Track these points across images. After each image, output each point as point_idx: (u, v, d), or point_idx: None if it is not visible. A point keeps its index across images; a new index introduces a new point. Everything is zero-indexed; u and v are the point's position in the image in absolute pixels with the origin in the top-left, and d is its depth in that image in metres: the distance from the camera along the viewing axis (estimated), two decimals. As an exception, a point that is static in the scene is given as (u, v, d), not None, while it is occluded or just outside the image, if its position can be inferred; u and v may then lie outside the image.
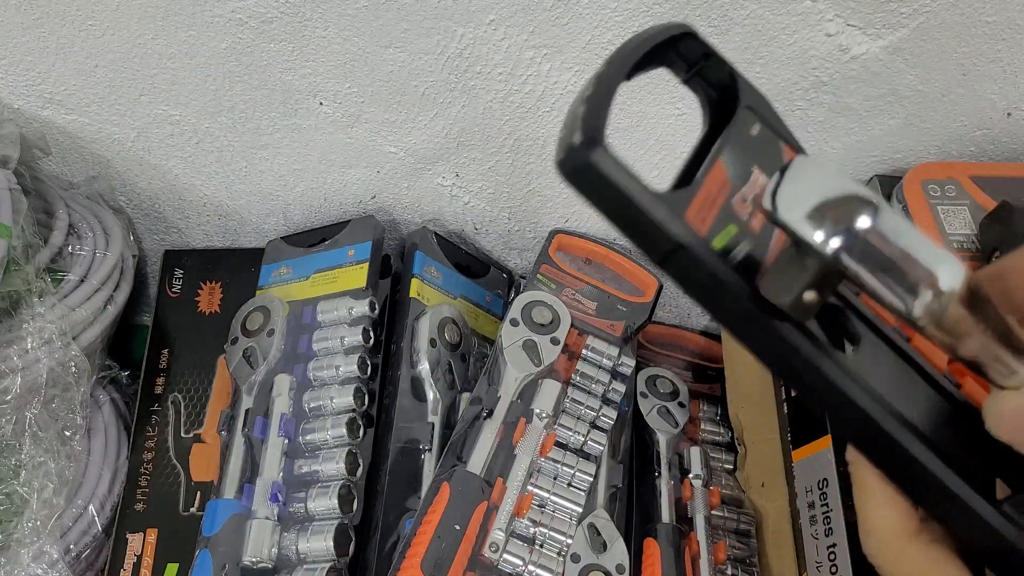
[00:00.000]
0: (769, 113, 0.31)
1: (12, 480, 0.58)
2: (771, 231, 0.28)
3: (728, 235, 0.26)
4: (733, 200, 0.27)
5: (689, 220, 0.25)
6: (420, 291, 0.68)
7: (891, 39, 0.56)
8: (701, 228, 0.25)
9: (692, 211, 0.25)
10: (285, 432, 0.61)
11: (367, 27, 0.57)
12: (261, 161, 0.68)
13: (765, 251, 0.27)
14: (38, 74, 0.61)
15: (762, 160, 0.29)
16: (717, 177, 0.27)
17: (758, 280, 0.25)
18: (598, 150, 0.24)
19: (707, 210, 0.26)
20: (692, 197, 0.26)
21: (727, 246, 0.26)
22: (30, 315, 0.58)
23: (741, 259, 0.26)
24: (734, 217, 0.27)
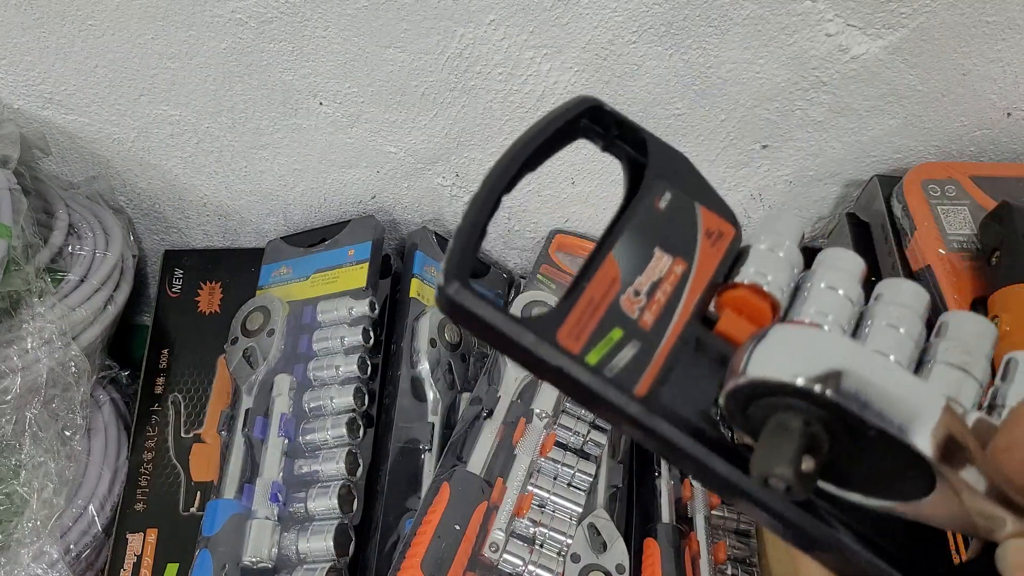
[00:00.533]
0: (685, 175, 0.30)
1: (12, 480, 0.58)
2: (663, 329, 0.27)
3: (609, 343, 0.26)
4: (623, 297, 0.27)
5: (560, 340, 0.26)
6: (420, 291, 0.68)
7: (891, 39, 0.56)
8: (574, 345, 0.26)
9: (567, 327, 0.26)
10: (285, 432, 0.61)
11: (367, 27, 0.57)
12: (261, 161, 0.68)
13: (655, 350, 0.27)
14: (38, 74, 0.61)
15: (667, 237, 0.28)
16: (606, 276, 0.27)
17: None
18: (455, 287, 0.25)
19: (587, 320, 0.26)
20: (569, 310, 0.26)
21: (606, 355, 0.26)
22: (30, 315, 0.58)
23: (623, 367, 0.26)
24: (620, 319, 0.27)
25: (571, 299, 0.27)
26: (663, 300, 0.27)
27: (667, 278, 0.28)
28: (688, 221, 0.29)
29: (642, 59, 0.58)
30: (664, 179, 0.29)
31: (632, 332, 0.27)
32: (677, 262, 0.28)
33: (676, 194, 0.29)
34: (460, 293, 0.25)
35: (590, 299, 0.27)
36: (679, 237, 0.28)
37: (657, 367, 0.26)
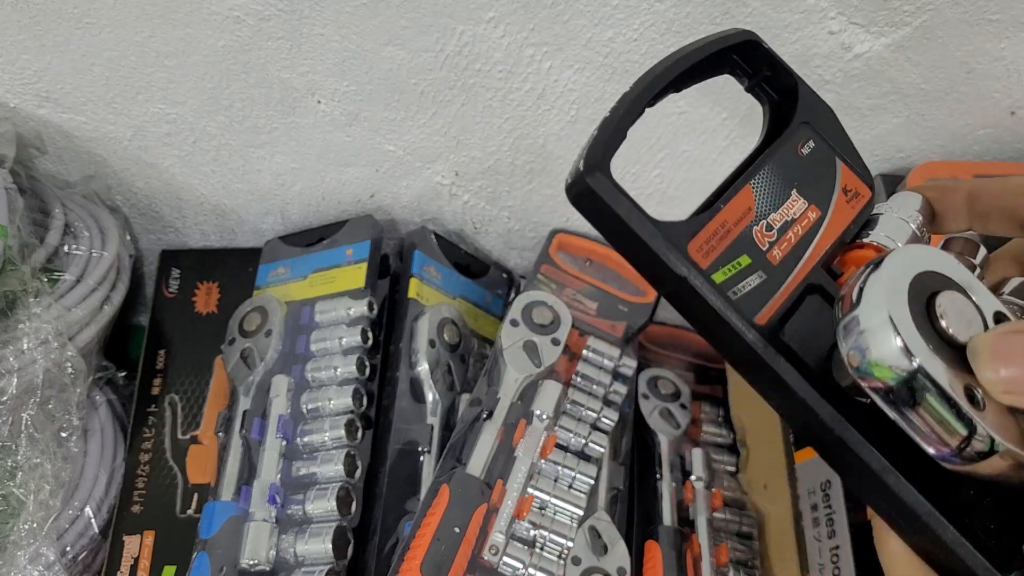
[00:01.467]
0: (831, 129, 0.30)
1: (8, 482, 0.57)
2: (797, 259, 0.27)
3: (736, 267, 0.26)
4: (755, 228, 0.27)
5: (691, 252, 0.25)
6: (419, 291, 0.68)
7: (894, 37, 0.56)
8: (703, 260, 0.25)
9: (698, 242, 0.26)
10: (283, 433, 0.60)
11: (365, 25, 0.56)
12: (259, 160, 0.68)
13: (779, 286, 0.27)
14: (34, 72, 0.61)
15: (806, 182, 0.28)
16: (741, 203, 0.27)
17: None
18: (598, 176, 0.24)
19: (718, 240, 0.26)
20: (702, 226, 0.26)
21: (732, 279, 0.26)
22: (26, 315, 0.58)
23: (746, 294, 0.26)
24: (750, 247, 0.27)
25: (705, 217, 0.26)
26: (793, 240, 0.27)
27: (800, 221, 0.28)
28: (828, 173, 0.29)
29: (643, 57, 0.57)
30: (810, 128, 0.29)
31: (760, 262, 0.26)
32: (812, 208, 0.28)
33: (820, 145, 0.29)
34: (601, 183, 0.24)
35: (723, 221, 0.26)
36: (817, 186, 0.29)
37: (779, 301, 0.26)
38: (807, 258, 0.27)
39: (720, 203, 0.27)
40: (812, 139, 0.29)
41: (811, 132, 0.29)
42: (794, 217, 0.28)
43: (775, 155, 0.28)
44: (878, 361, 0.23)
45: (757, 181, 0.28)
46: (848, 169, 0.30)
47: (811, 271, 0.27)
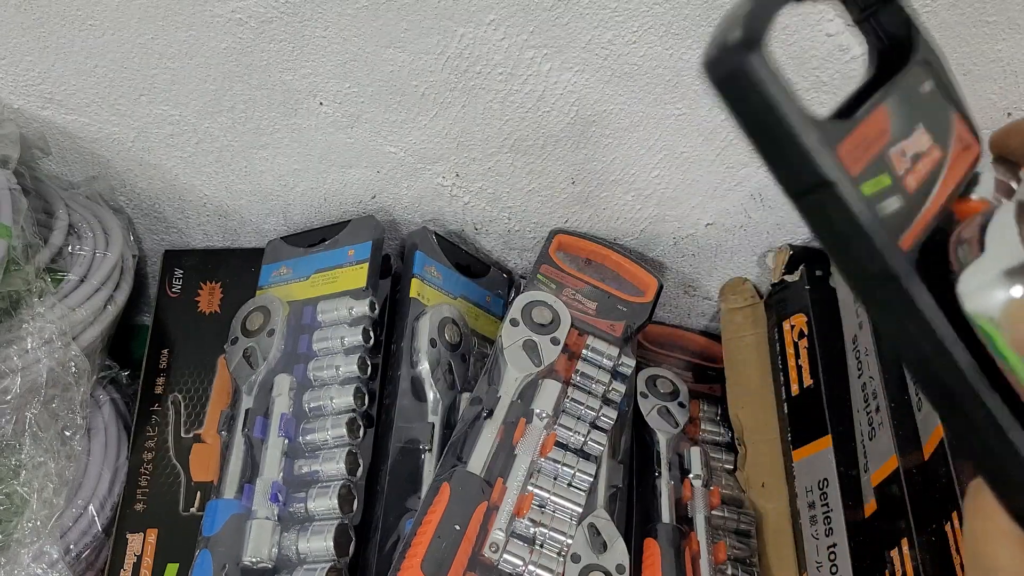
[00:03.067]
0: (944, 77, 0.28)
1: (12, 480, 0.58)
2: (927, 193, 0.25)
3: (880, 184, 0.24)
4: (891, 150, 0.25)
5: (841, 156, 0.23)
6: (420, 291, 0.68)
7: (891, 39, 0.56)
8: (853, 168, 0.23)
9: (846, 147, 0.23)
10: (285, 432, 0.61)
11: (367, 27, 0.57)
12: (261, 161, 0.68)
13: (916, 214, 0.25)
14: (38, 74, 0.61)
15: (929, 120, 0.27)
16: (878, 120, 0.25)
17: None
18: (756, 56, 0.21)
19: (862, 151, 0.24)
20: (848, 132, 0.23)
21: (877, 194, 0.23)
22: (30, 315, 0.58)
23: (889, 213, 0.24)
24: (889, 167, 0.24)
25: (847, 125, 0.24)
26: (924, 172, 0.26)
27: (928, 156, 0.26)
28: (945, 117, 0.27)
29: (642, 59, 0.58)
30: (929, 68, 0.27)
31: (898, 186, 0.24)
32: (935, 147, 0.26)
33: (937, 89, 0.28)
34: (758, 64, 0.21)
35: (864, 134, 0.24)
36: (939, 127, 0.27)
37: (918, 229, 0.24)
38: (936, 194, 0.26)
39: (861, 113, 0.24)
40: (930, 81, 0.27)
41: (930, 73, 0.27)
42: (923, 151, 0.26)
43: (898, 87, 0.26)
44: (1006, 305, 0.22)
45: (891, 103, 0.25)
46: (961, 120, 0.28)
47: (939, 210, 0.25)
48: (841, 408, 0.61)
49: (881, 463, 0.57)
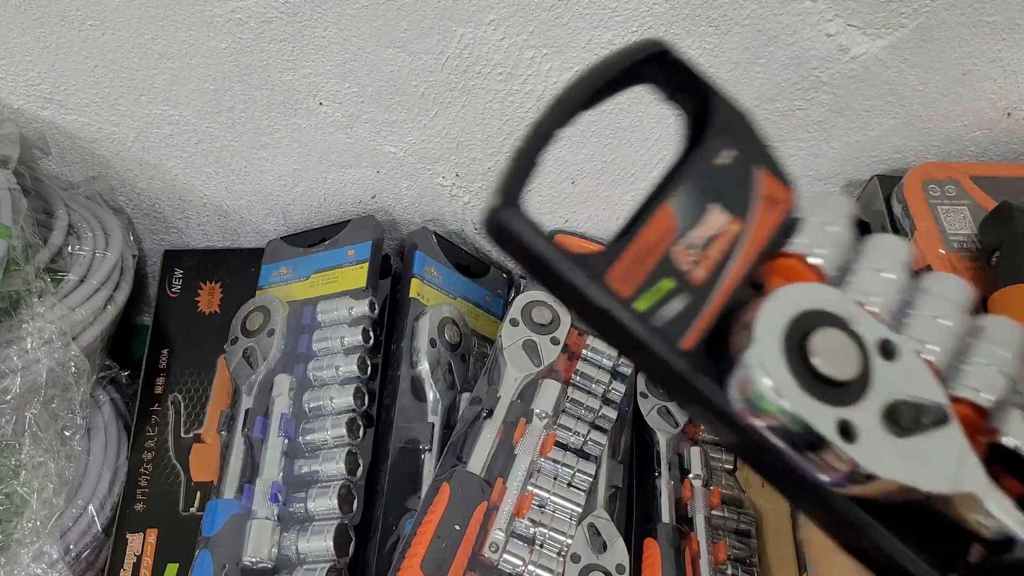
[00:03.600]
0: (749, 135, 0.29)
1: (12, 480, 0.58)
2: (714, 286, 0.26)
3: (659, 292, 0.25)
4: (676, 247, 0.26)
5: (610, 281, 0.24)
6: (420, 291, 0.68)
7: (891, 39, 0.56)
8: (624, 288, 0.25)
9: (616, 272, 0.25)
10: (285, 432, 0.61)
11: (367, 27, 0.57)
12: (261, 161, 0.68)
13: (703, 306, 0.26)
14: (38, 74, 0.61)
15: (726, 195, 0.27)
16: (661, 222, 0.26)
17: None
18: (511, 212, 0.24)
19: (638, 266, 0.25)
20: (620, 253, 0.25)
21: (655, 304, 0.25)
22: (30, 315, 0.58)
23: (671, 318, 0.25)
24: (672, 270, 0.26)
25: (623, 242, 0.25)
26: (716, 257, 0.27)
27: (722, 236, 0.27)
28: (746, 182, 0.28)
29: (642, 59, 0.58)
30: (726, 136, 0.28)
31: (683, 285, 0.26)
32: (733, 222, 0.27)
33: (737, 154, 0.28)
34: (513, 218, 0.24)
35: (643, 245, 0.26)
36: (736, 197, 0.28)
37: (705, 323, 0.26)
38: (731, 275, 0.27)
39: (637, 226, 0.26)
40: (729, 148, 0.28)
41: (728, 141, 0.28)
42: (716, 233, 0.27)
43: (691, 169, 0.27)
44: (756, 400, 0.24)
45: (676, 199, 0.27)
46: (769, 175, 0.28)
47: (735, 289, 0.27)
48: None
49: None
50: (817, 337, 0.25)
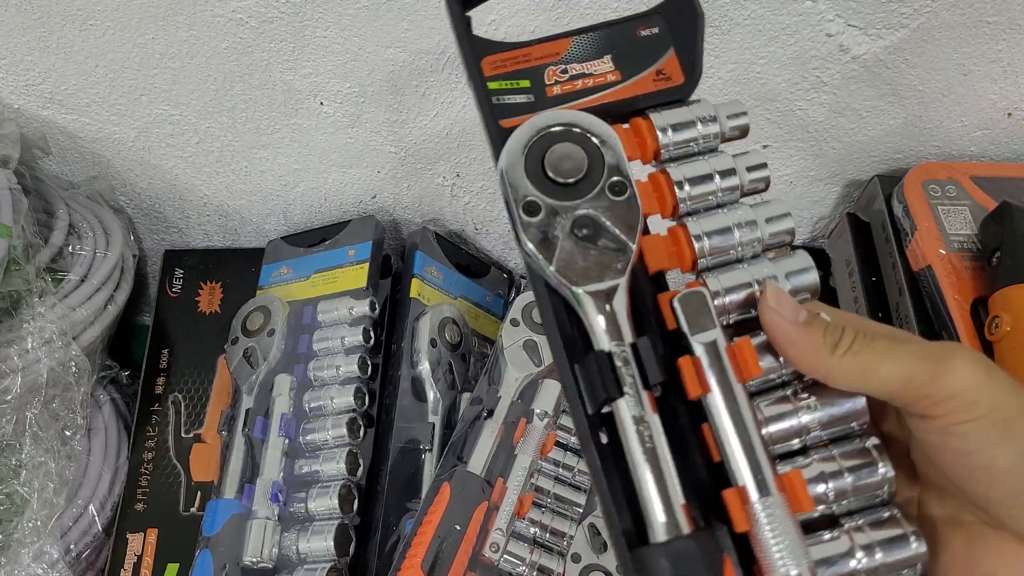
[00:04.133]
0: (687, 28, 0.34)
1: (12, 480, 0.58)
2: (559, 102, 0.33)
3: (513, 84, 0.33)
4: (551, 67, 0.33)
5: (483, 64, 0.33)
6: (420, 291, 0.68)
7: (892, 39, 0.56)
8: (488, 70, 0.34)
9: (495, 58, 0.34)
10: (285, 432, 0.61)
11: (368, 27, 0.57)
12: (261, 161, 0.68)
13: (539, 107, 0.32)
14: (38, 74, 0.61)
15: (623, 54, 0.33)
16: (553, 47, 0.34)
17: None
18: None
19: (512, 62, 0.33)
20: (505, 49, 0.34)
21: (504, 89, 0.33)
22: (30, 315, 0.58)
23: (510, 103, 0.33)
24: (536, 77, 0.33)
25: (513, 46, 0.33)
26: (576, 87, 0.32)
27: (595, 77, 0.33)
28: (652, 53, 0.33)
29: (643, 59, 0.58)
30: (661, 18, 0.34)
31: (535, 89, 0.32)
32: (614, 73, 0.33)
33: (658, 32, 0.33)
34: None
35: (527, 53, 0.33)
36: (634, 59, 0.33)
37: (527, 118, 0.31)
38: (580, 103, 0.32)
39: (534, 41, 0.33)
40: (657, 27, 0.33)
41: (660, 22, 0.33)
42: (591, 73, 0.33)
43: (614, 28, 0.33)
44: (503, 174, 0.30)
45: (580, 38, 0.33)
46: (675, 58, 0.33)
47: (578, 110, 0.32)
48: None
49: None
50: (556, 147, 0.30)
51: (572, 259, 0.29)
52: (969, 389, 0.27)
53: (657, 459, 0.27)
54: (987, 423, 0.27)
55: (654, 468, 0.27)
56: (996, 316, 0.55)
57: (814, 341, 0.29)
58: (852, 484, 0.29)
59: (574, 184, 0.30)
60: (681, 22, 0.33)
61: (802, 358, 0.29)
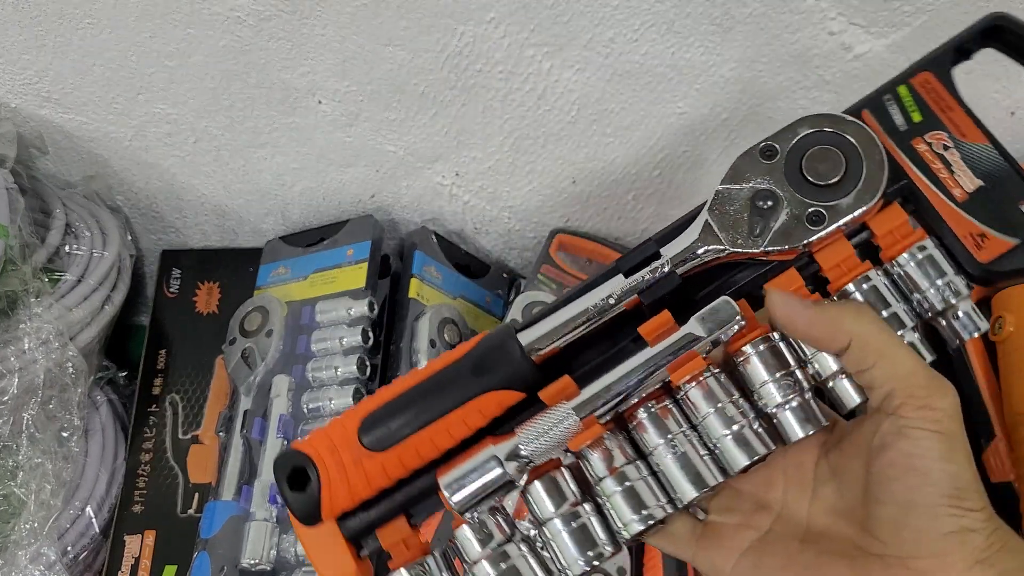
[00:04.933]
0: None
1: (9, 481, 0.57)
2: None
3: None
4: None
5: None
6: (420, 291, 0.68)
7: (894, 37, 0.56)
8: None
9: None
10: (284, 433, 0.60)
11: (366, 25, 0.56)
12: (259, 160, 0.68)
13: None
14: (35, 72, 0.61)
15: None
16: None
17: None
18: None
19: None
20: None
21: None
22: (27, 315, 0.58)
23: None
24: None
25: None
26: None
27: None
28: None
29: (644, 57, 0.58)
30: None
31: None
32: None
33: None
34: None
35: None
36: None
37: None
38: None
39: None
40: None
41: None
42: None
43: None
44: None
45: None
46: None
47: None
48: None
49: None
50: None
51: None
52: (952, 408, 0.31)
53: None
54: (942, 438, 0.31)
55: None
56: (1000, 316, 0.55)
57: (836, 312, 0.33)
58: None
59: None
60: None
61: (830, 325, 0.33)
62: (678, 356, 0.34)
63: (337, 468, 0.35)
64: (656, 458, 0.35)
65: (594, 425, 0.35)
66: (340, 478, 0.35)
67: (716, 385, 0.34)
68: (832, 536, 0.34)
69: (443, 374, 0.36)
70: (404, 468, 0.35)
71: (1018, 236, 0.34)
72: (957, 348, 0.56)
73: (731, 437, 0.34)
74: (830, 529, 0.34)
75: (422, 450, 0.35)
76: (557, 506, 0.35)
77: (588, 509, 0.35)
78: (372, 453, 0.35)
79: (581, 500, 0.35)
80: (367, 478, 0.35)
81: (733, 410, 0.34)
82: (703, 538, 0.36)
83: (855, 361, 0.33)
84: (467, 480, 0.35)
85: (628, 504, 0.34)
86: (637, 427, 0.35)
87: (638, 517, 0.34)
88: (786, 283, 0.35)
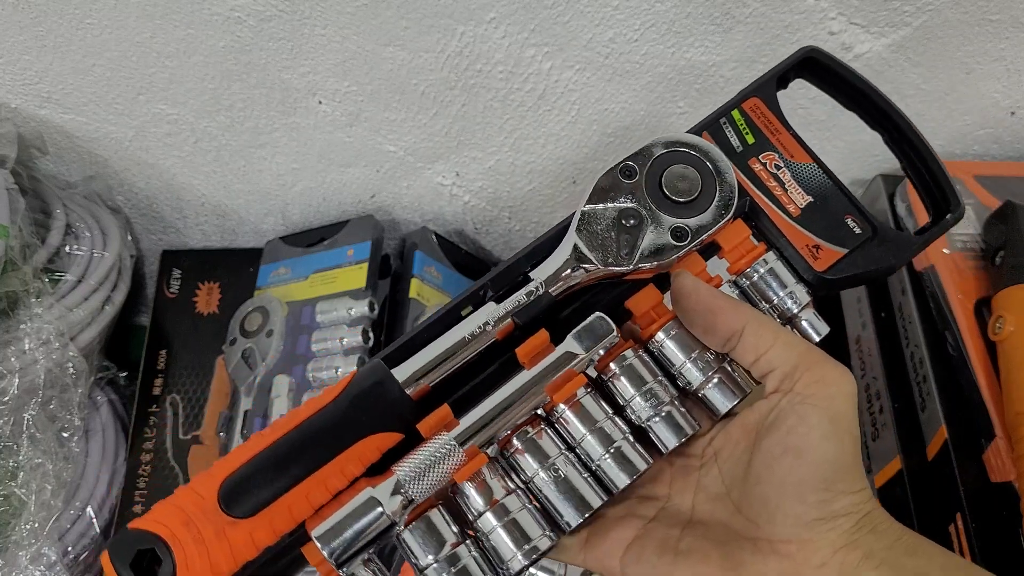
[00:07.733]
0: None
1: (10, 482, 0.57)
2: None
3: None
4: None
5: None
6: (420, 291, 0.68)
7: (894, 37, 0.56)
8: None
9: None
10: (284, 433, 0.60)
11: (366, 25, 0.56)
12: (259, 160, 0.68)
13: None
14: (35, 73, 0.61)
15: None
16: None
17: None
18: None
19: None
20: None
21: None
22: (28, 316, 0.58)
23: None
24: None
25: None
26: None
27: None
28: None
29: (644, 57, 0.58)
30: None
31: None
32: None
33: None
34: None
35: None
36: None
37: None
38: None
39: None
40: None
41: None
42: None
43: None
44: None
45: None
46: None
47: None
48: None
49: (885, 464, 0.57)
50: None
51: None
52: (847, 392, 0.32)
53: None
54: (829, 417, 0.32)
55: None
56: (1000, 316, 0.55)
57: (735, 300, 0.34)
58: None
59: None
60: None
61: (730, 314, 0.34)
62: (557, 375, 0.34)
63: (196, 544, 0.31)
64: (537, 484, 0.34)
65: (478, 455, 0.33)
66: (200, 555, 0.31)
67: (592, 404, 0.34)
68: (711, 522, 0.34)
69: (315, 422, 0.33)
70: (274, 533, 0.32)
71: (846, 246, 0.37)
72: (957, 348, 0.56)
73: (610, 456, 0.34)
74: (711, 515, 0.34)
75: (295, 509, 0.32)
76: (436, 550, 0.33)
77: (469, 548, 0.33)
78: (237, 520, 0.31)
79: (462, 539, 0.33)
80: (231, 551, 0.31)
81: (612, 427, 0.34)
82: (590, 538, 0.35)
83: (751, 347, 0.33)
84: (343, 527, 0.32)
85: (511, 538, 0.33)
86: (515, 454, 0.34)
87: (522, 552, 0.33)
88: (645, 300, 0.36)
